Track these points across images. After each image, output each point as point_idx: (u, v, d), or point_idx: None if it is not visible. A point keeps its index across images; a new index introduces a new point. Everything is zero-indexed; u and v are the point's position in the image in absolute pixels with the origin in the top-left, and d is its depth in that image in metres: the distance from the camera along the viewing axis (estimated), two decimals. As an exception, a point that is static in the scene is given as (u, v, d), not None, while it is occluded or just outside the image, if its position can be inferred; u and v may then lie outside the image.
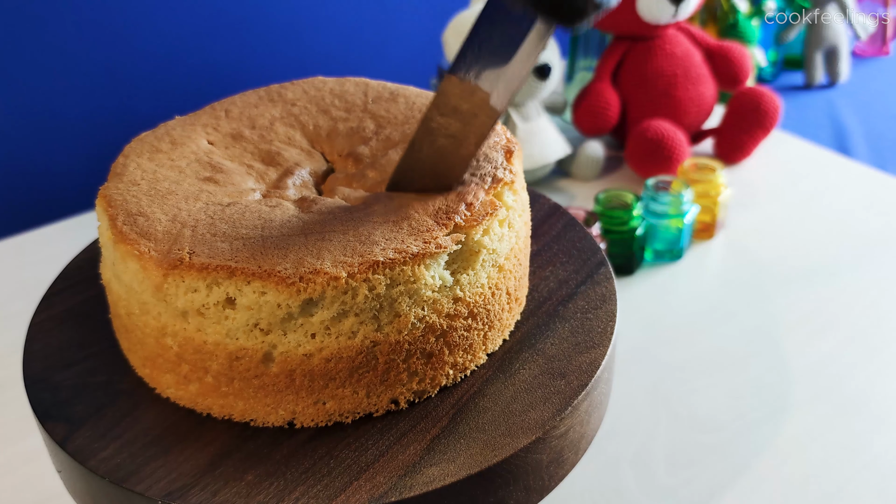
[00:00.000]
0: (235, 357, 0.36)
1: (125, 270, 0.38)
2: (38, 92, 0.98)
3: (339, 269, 0.35)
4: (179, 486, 0.35)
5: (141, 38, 1.02)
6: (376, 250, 0.36)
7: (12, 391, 0.65)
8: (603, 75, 0.94)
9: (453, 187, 0.40)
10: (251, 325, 0.36)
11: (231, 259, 0.35)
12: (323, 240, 0.37)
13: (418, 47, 1.22)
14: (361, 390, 0.38)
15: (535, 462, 0.38)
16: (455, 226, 0.38)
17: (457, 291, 0.38)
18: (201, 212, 0.39)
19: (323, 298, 0.35)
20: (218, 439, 0.38)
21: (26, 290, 0.64)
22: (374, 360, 0.37)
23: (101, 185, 0.42)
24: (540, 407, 0.39)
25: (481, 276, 0.39)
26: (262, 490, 0.35)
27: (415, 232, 0.37)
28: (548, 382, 0.40)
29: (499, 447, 0.36)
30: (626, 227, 0.75)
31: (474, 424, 0.38)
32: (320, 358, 0.36)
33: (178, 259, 0.36)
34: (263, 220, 0.38)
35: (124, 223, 0.38)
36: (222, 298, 0.35)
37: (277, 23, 1.11)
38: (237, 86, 0.53)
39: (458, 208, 0.39)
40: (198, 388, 0.38)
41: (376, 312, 0.36)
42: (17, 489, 0.57)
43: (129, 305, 0.39)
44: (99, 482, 0.36)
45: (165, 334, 0.38)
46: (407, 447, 0.37)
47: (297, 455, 0.37)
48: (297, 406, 0.38)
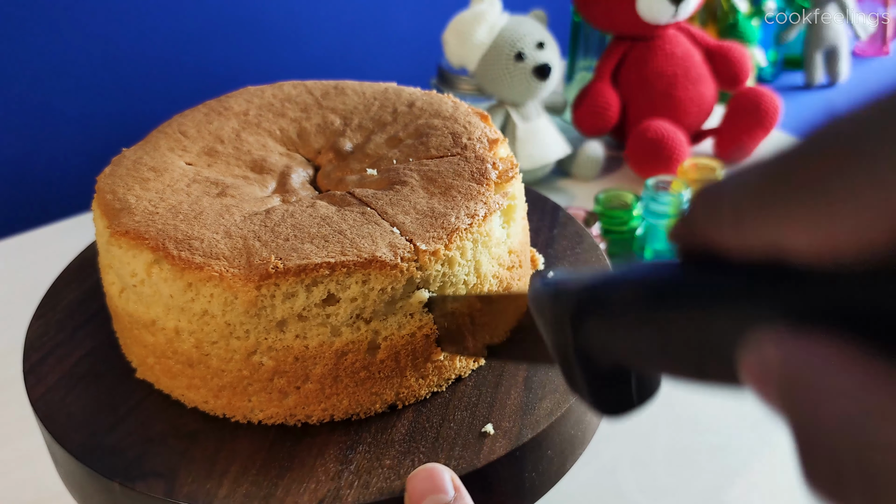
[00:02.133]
0: (342, 353, 0.37)
1: (195, 299, 0.36)
2: (38, 92, 0.97)
3: (431, 243, 0.36)
4: (327, 492, 0.35)
5: (140, 38, 1.02)
6: (452, 219, 0.38)
7: (12, 391, 0.65)
8: (603, 75, 0.93)
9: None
10: (354, 316, 0.36)
11: (325, 255, 0.35)
12: (394, 223, 0.38)
13: (418, 47, 1.22)
14: (457, 356, 0.40)
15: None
16: (495, 184, 0.41)
17: (510, 244, 0.41)
18: (247, 223, 0.38)
19: (426, 276, 0.37)
20: (331, 441, 0.37)
21: (26, 290, 0.63)
22: (470, 322, 0.39)
23: (111, 226, 0.39)
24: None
25: (519, 225, 0.43)
26: (409, 468, 0.36)
27: (468, 196, 0.39)
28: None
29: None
30: (626, 227, 0.75)
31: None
32: (421, 335, 0.38)
33: (270, 268, 0.35)
34: (319, 218, 0.38)
35: (180, 250, 0.36)
36: (323, 297, 0.35)
37: (276, 23, 1.11)
38: (236, 86, 0.53)
39: (485, 168, 0.41)
40: (296, 398, 0.37)
41: (465, 277, 0.38)
42: (18, 489, 0.57)
43: (203, 335, 0.37)
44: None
45: (256, 352, 0.36)
46: (509, 392, 0.39)
47: (418, 430, 0.38)
48: (400, 387, 0.39)
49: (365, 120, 0.47)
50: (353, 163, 0.44)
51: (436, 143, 0.44)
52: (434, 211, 0.38)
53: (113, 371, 0.42)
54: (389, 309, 0.37)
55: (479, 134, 0.44)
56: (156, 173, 0.42)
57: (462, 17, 0.85)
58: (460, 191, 0.40)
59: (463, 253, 0.38)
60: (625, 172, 0.95)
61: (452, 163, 0.42)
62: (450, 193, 0.40)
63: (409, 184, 0.41)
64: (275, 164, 0.44)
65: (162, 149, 0.45)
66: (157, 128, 0.47)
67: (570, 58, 1.07)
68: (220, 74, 1.08)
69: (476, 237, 0.38)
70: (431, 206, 0.39)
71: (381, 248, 0.36)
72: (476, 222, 0.38)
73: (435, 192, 0.40)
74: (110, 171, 0.43)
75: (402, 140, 0.45)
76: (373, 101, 0.49)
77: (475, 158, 0.42)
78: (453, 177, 0.41)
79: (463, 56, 0.86)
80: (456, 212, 0.38)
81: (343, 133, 0.47)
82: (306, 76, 0.53)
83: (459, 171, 0.41)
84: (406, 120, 0.47)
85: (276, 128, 0.48)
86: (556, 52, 0.88)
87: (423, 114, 0.47)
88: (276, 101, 0.49)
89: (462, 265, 0.38)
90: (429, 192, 0.40)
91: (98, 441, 0.38)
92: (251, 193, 0.42)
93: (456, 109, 0.47)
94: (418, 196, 0.40)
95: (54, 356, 0.43)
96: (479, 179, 0.40)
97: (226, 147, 0.46)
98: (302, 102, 0.49)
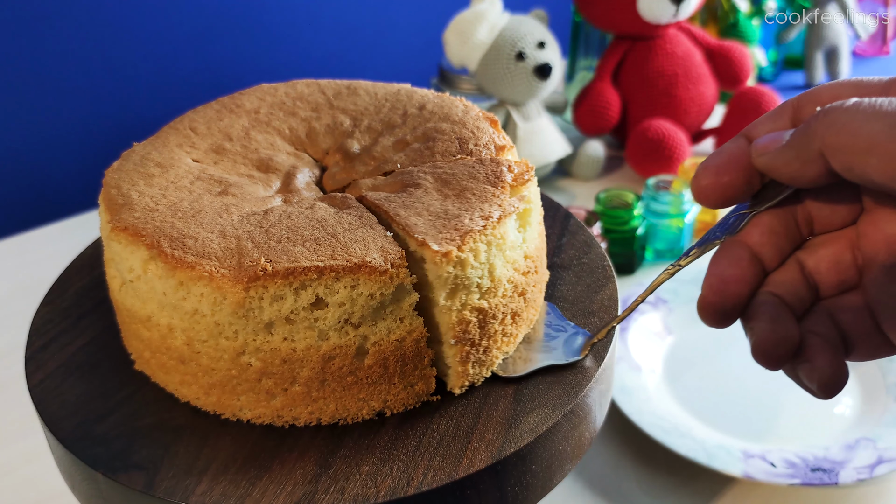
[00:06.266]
0: (329, 358, 0.37)
1: (186, 298, 0.36)
2: (39, 92, 0.97)
3: (443, 244, 0.36)
4: (302, 495, 0.35)
5: (141, 39, 1.02)
6: (465, 221, 0.37)
7: (12, 391, 0.65)
8: (603, 75, 0.94)
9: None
10: (342, 321, 0.36)
11: (314, 259, 0.35)
12: (407, 225, 0.37)
13: (418, 47, 1.22)
14: (459, 364, 0.39)
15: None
16: (511, 187, 0.40)
17: (525, 248, 0.41)
18: (244, 223, 0.38)
19: (426, 279, 0.36)
20: (313, 444, 0.37)
21: (26, 290, 0.64)
22: (477, 329, 0.39)
23: (112, 221, 0.39)
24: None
25: (535, 230, 0.42)
26: (387, 475, 0.35)
27: (482, 199, 0.39)
28: (583, 321, 0.44)
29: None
30: (626, 226, 0.75)
31: (549, 370, 0.41)
32: (411, 340, 0.37)
33: (259, 270, 0.35)
34: (315, 220, 0.38)
35: (174, 248, 0.36)
36: (311, 300, 0.35)
37: (277, 23, 1.11)
38: (237, 86, 0.53)
39: (501, 171, 0.41)
40: (283, 400, 0.38)
41: (479, 280, 0.38)
42: (18, 489, 0.57)
43: (193, 334, 0.37)
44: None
45: (245, 353, 0.37)
46: (497, 403, 0.39)
47: (400, 437, 0.38)
48: (388, 395, 0.38)
49: (374, 122, 0.47)
50: (359, 165, 0.44)
51: (442, 147, 0.44)
52: (447, 213, 0.38)
53: (111, 361, 0.42)
54: (378, 314, 0.36)
55: (487, 140, 0.44)
56: (161, 169, 0.43)
57: (463, 17, 0.85)
58: (475, 193, 0.39)
59: (476, 255, 0.37)
60: (625, 172, 0.95)
61: (468, 165, 0.41)
62: (464, 196, 0.39)
63: (422, 186, 0.40)
64: (281, 164, 0.45)
65: (171, 145, 0.45)
66: (169, 123, 0.48)
67: (571, 57, 1.07)
68: (221, 75, 1.08)
69: (490, 239, 0.38)
70: (445, 207, 0.38)
71: (371, 252, 0.36)
72: (490, 224, 0.38)
73: (449, 195, 0.39)
74: (118, 165, 0.44)
75: (410, 143, 0.45)
76: (384, 103, 0.49)
77: (490, 161, 0.41)
78: (468, 179, 0.40)
79: (464, 56, 0.86)
80: (470, 214, 0.38)
81: (352, 134, 0.47)
82: (306, 76, 0.53)
83: (474, 174, 0.41)
84: (415, 123, 0.46)
85: (285, 127, 0.48)
86: (556, 51, 0.88)
87: (432, 117, 0.46)
88: (287, 99, 0.49)
89: (475, 268, 0.37)
90: (443, 194, 0.40)
91: (87, 430, 0.38)
92: (253, 193, 0.42)
93: (466, 114, 0.46)
94: (432, 198, 0.39)
95: (56, 343, 0.43)
96: (494, 182, 0.40)
97: (234, 145, 0.46)
98: (313, 102, 0.49)
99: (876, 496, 0.57)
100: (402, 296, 0.36)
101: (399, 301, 0.36)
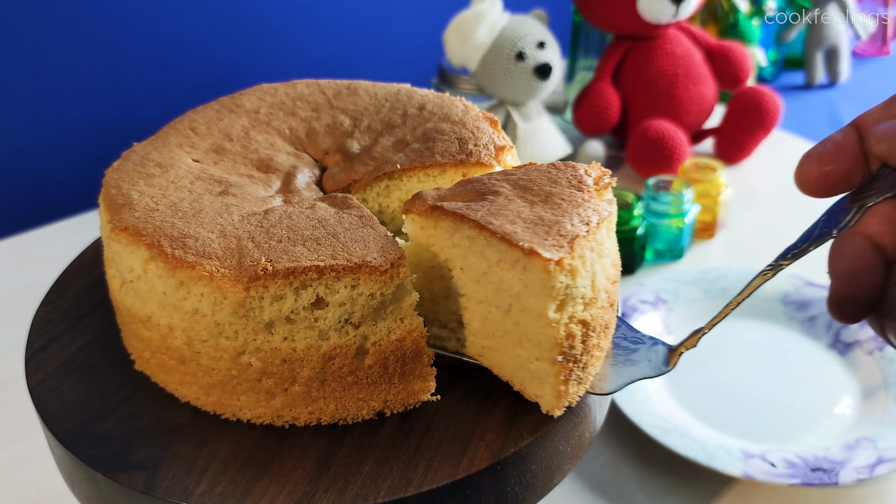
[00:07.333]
0: (329, 357, 0.37)
1: (186, 297, 0.36)
2: (38, 92, 0.97)
3: (553, 252, 0.34)
4: (302, 495, 0.35)
5: (141, 39, 1.02)
6: (567, 226, 0.35)
7: (12, 391, 0.65)
8: (603, 75, 0.93)
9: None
10: (343, 321, 0.36)
11: (315, 259, 0.35)
12: (504, 233, 0.35)
13: (418, 47, 1.22)
14: (561, 383, 0.37)
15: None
16: (596, 191, 0.39)
17: (613, 255, 0.40)
18: (244, 223, 0.38)
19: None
20: (313, 444, 0.37)
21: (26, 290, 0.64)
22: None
23: (112, 221, 0.39)
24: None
25: (612, 234, 0.40)
26: (386, 476, 0.35)
27: (573, 203, 0.37)
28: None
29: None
30: (626, 226, 0.75)
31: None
32: (411, 340, 0.37)
33: (259, 269, 0.35)
34: (316, 220, 0.38)
35: (174, 248, 0.36)
36: (311, 300, 0.35)
37: (277, 23, 1.11)
38: (237, 86, 0.53)
39: (580, 175, 0.39)
40: (283, 400, 0.38)
41: (584, 290, 0.35)
42: (18, 489, 0.57)
43: (193, 333, 0.37)
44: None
45: (245, 353, 0.37)
46: (497, 403, 0.39)
47: (400, 437, 0.38)
48: (388, 394, 0.38)
49: (374, 122, 0.47)
50: (359, 165, 0.44)
51: (441, 148, 0.43)
52: (543, 219, 0.35)
53: (111, 361, 0.42)
54: (379, 314, 0.36)
55: (486, 140, 0.44)
56: (161, 169, 0.43)
57: (463, 17, 0.85)
58: (563, 198, 0.37)
59: (584, 262, 0.35)
60: (625, 172, 0.95)
61: (541, 171, 0.39)
62: (552, 201, 0.37)
63: (501, 193, 0.37)
64: (281, 164, 0.45)
65: (171, 145, 0.45)
66: (169, 123, 0.48)
67: (571, 57, 1.07)
68: (221, 75, 1.08)
69: (593, 245, 0.36)
70: (538, 213, 0.36)
71: (372, 252, 0.36)
72: (591, 230, 0.35)
73: (535, 201, 0.37)
74: (118, 165, 0.44)
75: (409, 143, 0.45)
76: (384, 103, 0.49)
77: (564, 165, 0.39)
78: (549, 184, 0.38)
79: (464, 56, 0.86)
80: (569, 218, 0.36)
81: (351, 134, 0.47)
82: (306, 76, 0.53)
83: (554, 178, 0.38)
84: (415, 123, 0.46)
85: (285, 127, 0.48)
86: (556, 51, 0.88)
87: (432, 117, 0.46)
88: (287, 99, 0.49)
89: (583, 276, 0.35)
90: (527, 200, 0.37)
91: (87, 430, 0.38)
92: (253, 193, 0.42)
93: (466, 114, 0.46)
94: (517, 205, 0.37)
95: (56, 343, 0.43)
96: (578, 186, 0.38)
97: (234, 145, 0.46)
98: (313, 102, 0.49)
99: (876, 496, 0.56)
100: (402, 295, 0.36)
101: (399, 301, 0.36)
